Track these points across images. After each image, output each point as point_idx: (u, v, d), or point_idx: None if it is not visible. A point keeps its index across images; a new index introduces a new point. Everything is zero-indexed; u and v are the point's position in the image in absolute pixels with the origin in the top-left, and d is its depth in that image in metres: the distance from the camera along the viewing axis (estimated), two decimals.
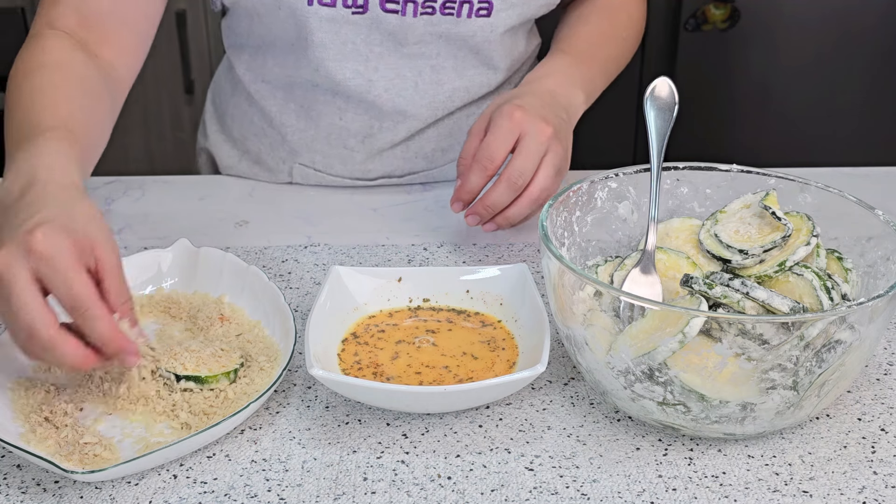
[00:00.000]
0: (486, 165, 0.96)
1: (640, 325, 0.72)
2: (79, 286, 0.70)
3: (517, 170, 0.94)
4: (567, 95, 1.04)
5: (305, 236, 1.06)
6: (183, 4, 2.18)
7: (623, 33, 1.17)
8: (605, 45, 1.14)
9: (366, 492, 0.71)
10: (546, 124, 0.96)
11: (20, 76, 0.92)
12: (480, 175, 0.96)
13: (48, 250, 0.70)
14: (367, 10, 1.04)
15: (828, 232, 0.85)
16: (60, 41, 0.96)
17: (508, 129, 0.95)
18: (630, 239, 0.90)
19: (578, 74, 1.08)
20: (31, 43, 0.96)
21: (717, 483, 0.73)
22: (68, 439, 0.73)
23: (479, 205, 0.97)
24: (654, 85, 0.90)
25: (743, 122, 2.28)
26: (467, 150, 0.99)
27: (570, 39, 1.13)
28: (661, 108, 0.89)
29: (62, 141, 0.82)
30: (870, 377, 0.84)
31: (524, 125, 0.95)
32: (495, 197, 0.95)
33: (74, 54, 0.95)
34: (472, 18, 1.07)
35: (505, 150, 0.95)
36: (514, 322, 0.86)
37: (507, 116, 0.96)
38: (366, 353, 0.83)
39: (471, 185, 0.97)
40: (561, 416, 0.79)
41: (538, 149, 0.95)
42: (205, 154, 1.29)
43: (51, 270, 0.70)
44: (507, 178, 0.95)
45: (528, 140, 0.95)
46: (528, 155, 0.95)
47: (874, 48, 2.20)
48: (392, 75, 1.10)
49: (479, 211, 0.97)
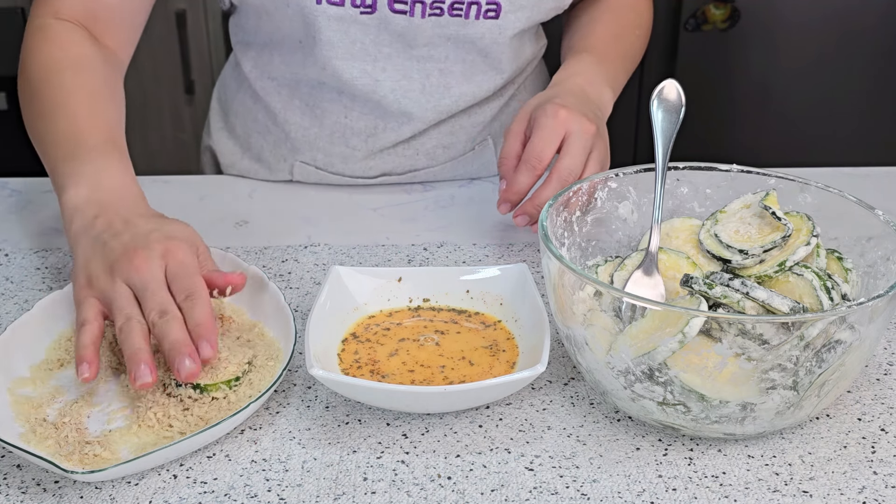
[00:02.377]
0: (535, 165, 0.96)
1: (640, 325, 0.72)
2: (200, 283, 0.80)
3: (567, 168, 0.95)
4: (597, 92, 1.05)
5: (305, 236, 1.06)
6: (183, 4, 2.18)
7: (635, 31, 1.19)
8: (620, 43, 1.15)
9: (366, 492, 0.71)
10: (589, 122, 0.97)
11: (47, 74, 0.96)
12: (529, 175, 0.96)
13: (182, 258, 0.81)
14: (376, 10, 1.04)
15: (828, 232, 0.85)
16: (73, 34, 1.00)
17: (554, 128, 0.95)
18: (630, 239, 0.90)
19: (603, 72, 1.08)
20: (41, 35, 0.99)
21: (717, 483, 0.73)
22: (68, 439, 0.73)
23: (530, 205, 0.97)
24: (662, 86, 0.90)
25: (743, 122, 2.28)
26: (509, 151, 0.99)
27: (587, 40, 1.14)
28: (668, 111, 0.89)
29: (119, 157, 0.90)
30: (870, 377, 0.84)
31: (569, 124, 0.96)
32: (547, 196, 0.95)
33: (92, 49, 0.99)
34: (480, 20, 1.07)
35: (552, 148, 0.96)
36: (514, 322, 0.86)
37: (551, 115, 0.96)
38: (366, 350, 0.83)
39: (519, 186, 0.97)
40: (561, 416, 0.79)
41: (585, 146, 0.96)
42: (208, 152, 1.29)
43: (181, 269, 0.80)
44: (558, 177, 0.95)
45: (575, 138, 0.95)
46: (575, 153, 0.95)
47: (874, 48, 2.20)
48: (399, 76, 1.10)
49: (529, 211, 0.97)
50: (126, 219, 0.84)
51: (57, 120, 0.93)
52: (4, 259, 1.00)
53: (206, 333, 0.77)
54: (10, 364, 0.79)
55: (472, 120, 1.18)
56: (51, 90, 0.94)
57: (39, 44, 0.99)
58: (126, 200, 0.87)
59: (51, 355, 0.82)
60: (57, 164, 0.90)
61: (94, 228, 0.83)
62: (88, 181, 0.87)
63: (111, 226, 0.83)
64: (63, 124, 0.92)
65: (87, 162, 0.88)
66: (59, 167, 0.89)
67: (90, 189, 0.87)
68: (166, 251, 0.81)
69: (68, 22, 1.00)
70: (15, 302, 0.93)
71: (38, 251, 1.01)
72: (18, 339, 0.81)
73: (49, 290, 0.94)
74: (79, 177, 0.87)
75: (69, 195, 0.87)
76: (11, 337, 0.81)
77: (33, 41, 0.99)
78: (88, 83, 0.96)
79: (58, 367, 0.81)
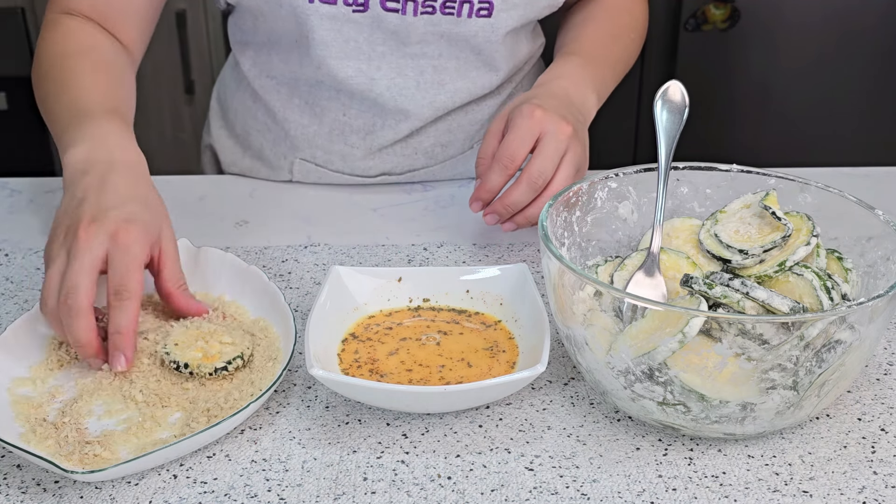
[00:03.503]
0: (507, 164, 0.96)
1: (640, 325, 0.72)
2: (134, 281, 0.79)
3: (537, 169, 0.95)
4: (581, 96, 1.05)
5: (305, 236, 1.06)
6: (183, 4, 2.18)
7: (629, 34, 1.18)
8: (612, 45, 1.15)
9: (366, 492, 0.71)
10: (566, 123, 0.96)
11: (58, 59, 0.99)
12: (501, 174, 0.96)
13: (128, 243, 0.79)
14: (368, 9, 1.04)
15: (828, 232, 0.85)
16: (82, 25, 1.02)
17: (528, 129, 0.95)
18: (630, 239, 0.90)
19: (589, 76, 1.08)
20: (53, 28, 1.02)
21: (717, 483, 0.73)
22: (68, 439, 0.73)
23: (499, 204, 0.97)
24: (667, 87, 0.90)
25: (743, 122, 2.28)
26: (486, 150, 0.99)
27: (578, 41, 1.13)
28: (672, 111, 0.89)
29: (120, 122, 0.91)
30: (870, 377, 0.84)
31: (544, 124, 0.95)
32: (515, 196, 0.95)
33: (100, 37, 1.02)
34: (472, 18, 1.07)
35: (525, 149, 0.96)
36: (514, 322, 0.86)
37: (527, 116, 0.96)
38: (366, 348, 0.83)
39: (491, 185, 0.97)
40: (561, 416, 0.79)
41: (558, 148, 0.95)
42: (209, 151, 1.29)
43: (121, 256, 0.79)
44: (528, 178, 0.95)
45: (549, 139, 0.95)
46: (548, 154, 0.95)
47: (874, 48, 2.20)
48: (394, 74, 1.10)
49: (498, 210, 0.97)
50: (104, 183, 0.84)
51: (64, 95, 0.94)
52: (4, 259, 1.00)
53: (123, 344, 0.78)
54: (10, 364, 0.79)
55: (470, 118, 1.18)
56: (59, 72, 0.97)
57: (51, 35, 1.02)
58: (120, 164, 0.86)
59: (51, 355, 0.82)
60: (62, 133, 0.91)
61: (76, 186, 0.84)
62: (87, 142, 0.87)
63: (89, 188, 0.83)
64: (68, 97, 0.94)
65: (88, 126, 0.89)
66: (64, 136, 0.90)
67: (89, 149, 0.87)
68: (115, 233, 0.79)
69: (80, 17, 1.03)
70: (15, 302, 0.93)
71: (38, 251, 1.01)
72: (18, 339, 0.81)
73: None
74: (80, 139, 0.88)
75: (68, 156, 0.87)
76: (11, 337, 0.81)
77: (45, 34, 1.02)
78: (96, 64, 0.98)
79: (58, 367, 0.81)
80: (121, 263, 0.79)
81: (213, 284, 0.91)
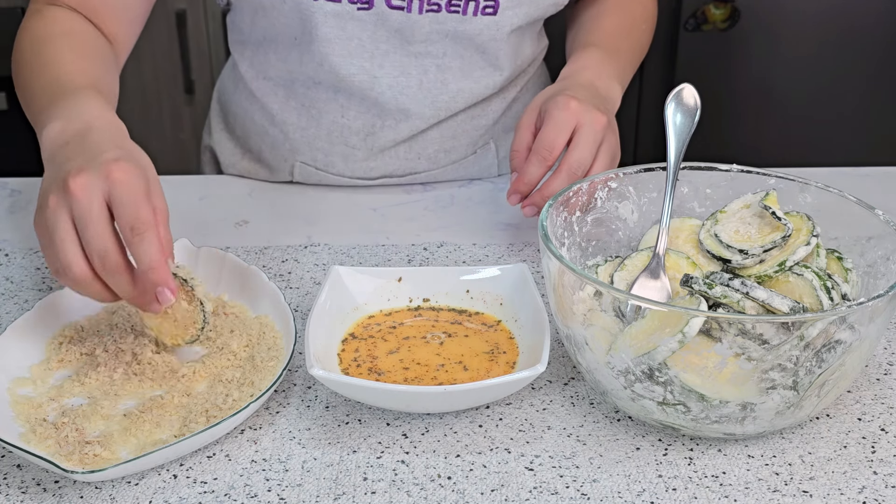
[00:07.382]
0: (546, 156, 0.96)
1: (640, 325, 0.72)
2: (146, 211, 0.74)
3: (577, 160, 0.95)
4: (606, 87, 1.06)
5: (305, 236, 1.06)
6: (183, 4, 2.18)
7: (641, 25, 1.19)
8: (627, 37, 1.16)
9: (366, 492, 0.71)
10: (601, 114, 0.97)
11: (37, 43, 0.96)
12: (540, 166, 0.96)
13: (126, 178, 0.75)
14: (373, 6, 1.04)
15: (828, 232, 0.85)
16: (66, 13, 1.00)
17: (565, 120, 0.96)
18: (630, 239, 0.90)
19: (611, 66, 1.09)
20: (35, 17, 1.00)
21: (717, 483, 0.73)
22: (68, 439, 0.73)
23: (538, 195, 0.97)
24: (681, 89, 0.91)
25: (743, 122, 2.28)
26: (520, 143, 0.99)
27: (595, 34, 1.14)
28: (684, 115, 0.90)
29: (98, 96, 0.86)
30: (870, 377, 0.84)
31: (580, 115, 0.96)
32: (555, 187, 0.95)
33: (83, 24, 1.00)
34: (477, 16, 1.07)
35: (563, 140, 0.96)
36: (514, 322, 0.86)
37: (563, 107, 0.96)
38: (367, 347, 0.83)
39: (530, 177, 0.97)
40: (561, 416, 0.79)
41: (595, 138, 0.96)
42: (209, 152, 1.29)
43: (123, 191, 0.74)
44: (567, 168, 0.95)
45: (586, 130, 0.95)
46: (586, 145, 0.95)
47: (874, 48, 2.20)
48: (397, 73, 1.10)
49: (537, 202, 0.97)
50: (85, 142, 0.80)
51: (43, 76, 0.91)
52: (4, 259, 1.00)
53: (159, 279, 0.74)
54: (10, 364, 0.79)
55: (474, 123, 1.18)
56: (38, 56, 0.94)
57: (33, 23, 0.99)
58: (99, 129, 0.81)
59: (51, 355, 0.82)
60: (40, 112, 0.87)
61: (59, 155, 0.80)
62: (64, 116, 0.83)
63: (72, 151, 0.79)
64: (47, 78, 0.90)
65: (66, 101, 0.85)
66: (41, 115, 0.86)
67: (65, 122, 0.82)
68: (108, 173, 0.75)
69: (65, 8, 1.01)
70: (15, 302, 0.93)
71: (38, 251, 1.01)
72: (18, 339, 0.81)
73: (49, 290, 0.94)
74: (57, 115, 0.84)
75: (46, 131, 0.83)
76: (11, 337, 0.81)
77: (26, 23, 1.00)
78: (77, 46, 0.95)
79: (58, 367, 0.81)
80: (126, 198, 0.74)
81: (213, 285, 0.91)
